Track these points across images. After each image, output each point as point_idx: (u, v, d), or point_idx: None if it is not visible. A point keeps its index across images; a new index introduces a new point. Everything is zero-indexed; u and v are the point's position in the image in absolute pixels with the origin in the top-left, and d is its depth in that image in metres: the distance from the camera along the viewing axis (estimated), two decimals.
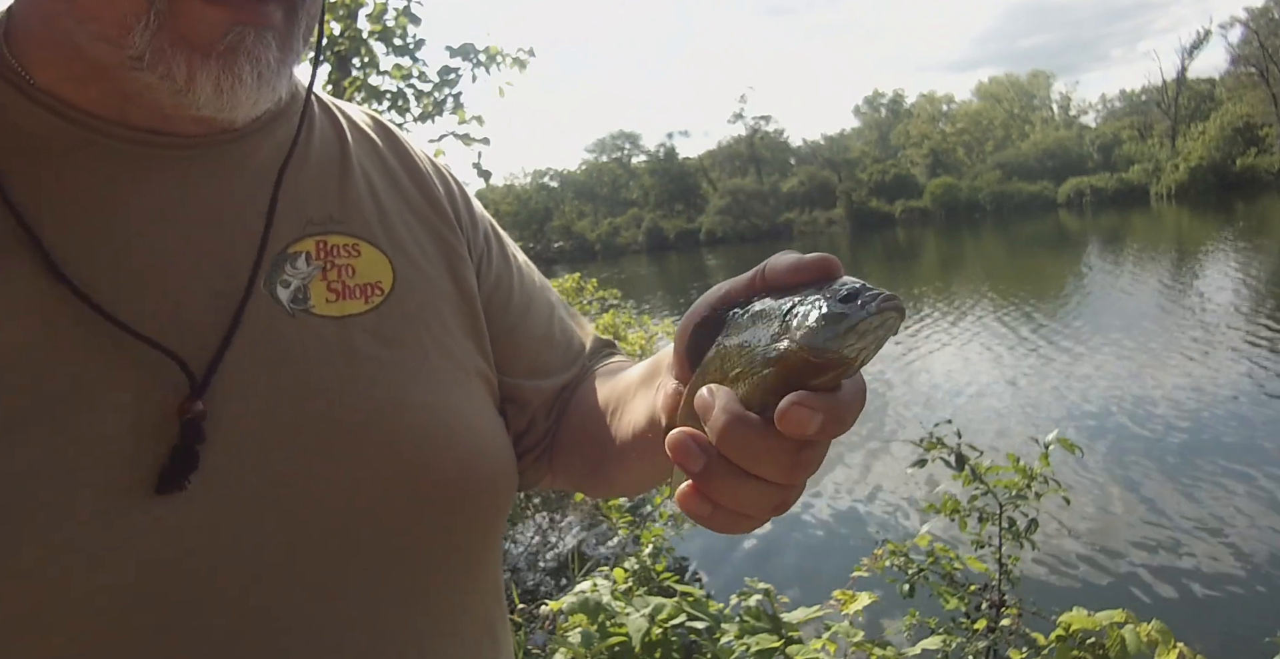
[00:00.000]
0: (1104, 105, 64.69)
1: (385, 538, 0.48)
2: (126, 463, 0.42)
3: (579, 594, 1.89)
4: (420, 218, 0.62)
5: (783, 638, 1.84)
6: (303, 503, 0.46)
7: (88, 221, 0.46)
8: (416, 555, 0.50)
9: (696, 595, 2.01)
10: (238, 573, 0.43)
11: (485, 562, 0.57)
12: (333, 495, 0.47)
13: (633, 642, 1.78)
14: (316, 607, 0.45)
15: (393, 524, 0.49)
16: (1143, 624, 1.69)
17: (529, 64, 4.30)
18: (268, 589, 0.44)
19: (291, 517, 0.45)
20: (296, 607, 0.44)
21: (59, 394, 0.41)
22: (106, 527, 0.40)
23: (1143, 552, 5.61)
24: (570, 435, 0.64)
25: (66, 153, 0.46)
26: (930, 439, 2.46)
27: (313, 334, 0.50)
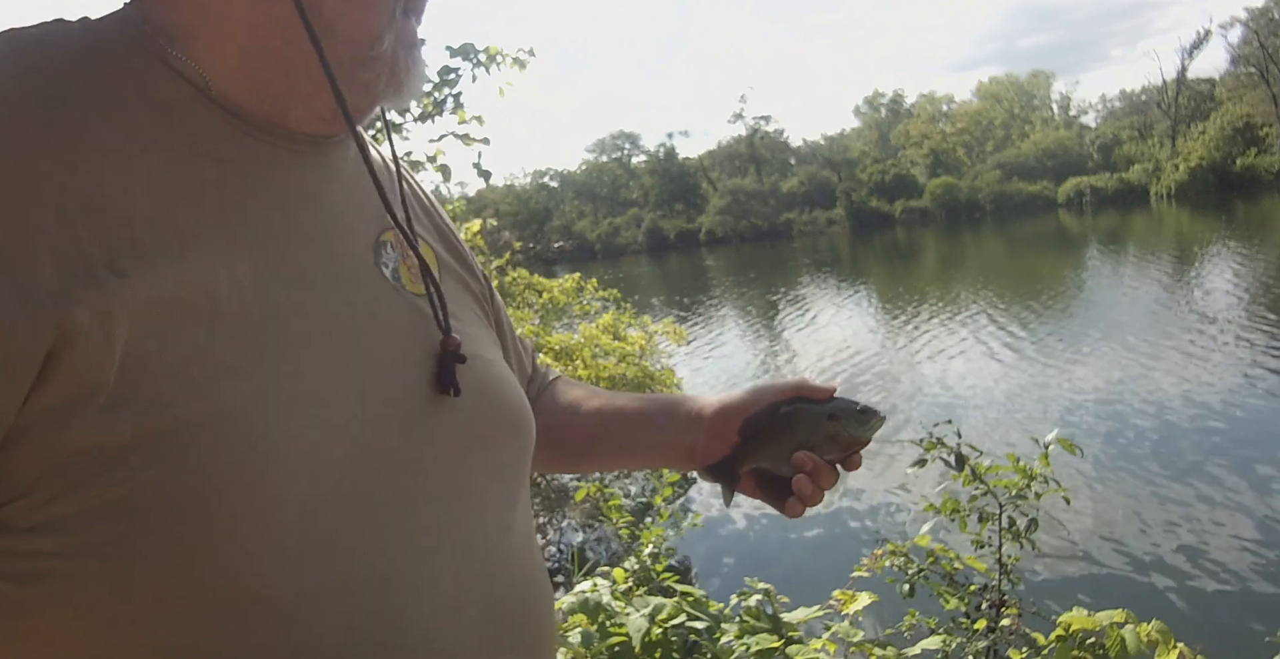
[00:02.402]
0: (1104, 105, 64.71)
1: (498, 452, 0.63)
2: (423, 375, 0.57)
3: (579, 594, 1.89)
4: (442, 226, 0.77)
5: (783, 638, 1.84)
6: (482, 417, 0.61)
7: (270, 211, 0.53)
8: (511, 466, 0.65)
9: (696, 595, 2.01)
10: (457, 457, 0.58)
11: (528, 483, 0.72)
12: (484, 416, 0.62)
13: (633, 642, 1.78)
14: (485, 486, 0.61)
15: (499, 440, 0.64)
16: (1143, 624, 1.69)
17: (529, 64, 4.30)
18: (472, 471, 0.59)
19: (479, 425, 0.61)
20: (479, 485, 0.60)
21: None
22: (416, 409, 0.55)
23: (1142, 551, 5.62)
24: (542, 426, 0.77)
25: (243, 150, 0.52)
26: (930, 439, 2.46)
27: (416, 306, 0.61)
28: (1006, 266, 25.94)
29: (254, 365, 0.45)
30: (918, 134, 62.62)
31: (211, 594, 0.41)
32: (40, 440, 0.38)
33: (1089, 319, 13.68)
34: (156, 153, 0.47)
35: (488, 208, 39.49)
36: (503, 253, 8.11)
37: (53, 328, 0.38)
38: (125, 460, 0.39)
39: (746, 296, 25.35)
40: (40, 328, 0.38)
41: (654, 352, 7.89)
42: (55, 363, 0.38)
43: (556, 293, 8.04)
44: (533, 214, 62.35)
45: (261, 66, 0.52)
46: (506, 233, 10.86)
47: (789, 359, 13.89)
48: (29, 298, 0.38)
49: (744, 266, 38.43)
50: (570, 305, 8.19)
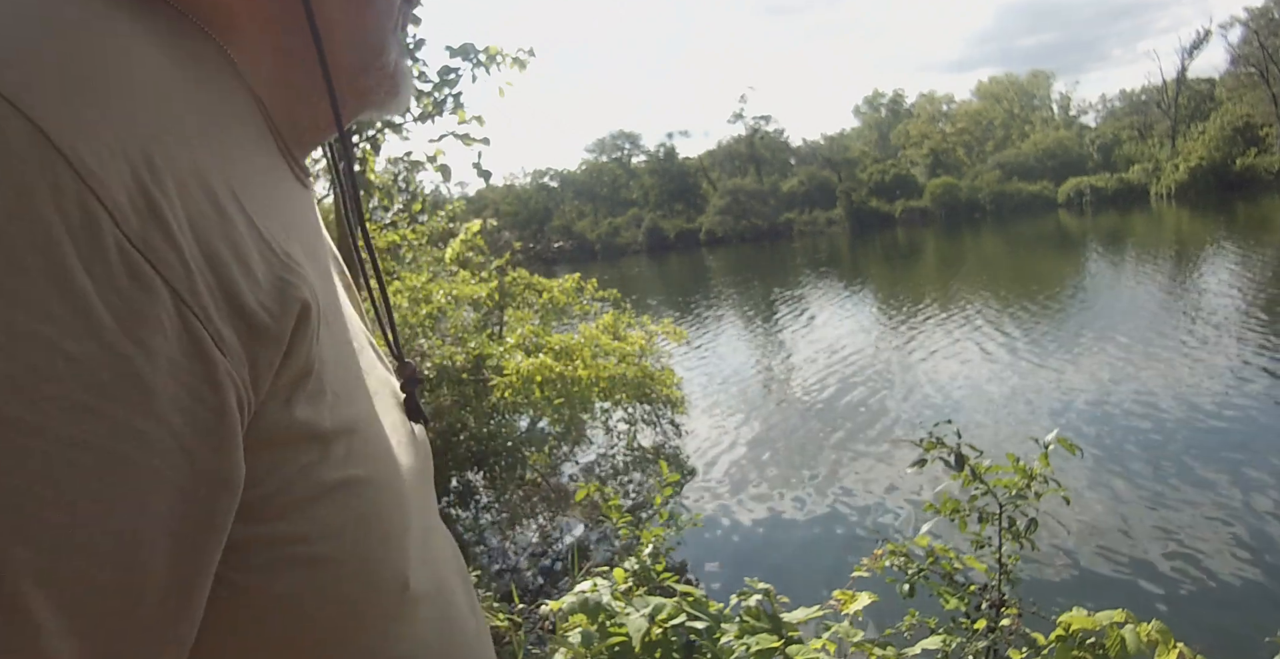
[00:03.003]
0: (1104, 105, 64.69)
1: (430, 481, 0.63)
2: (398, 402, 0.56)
3: (579, 594, 1.89)
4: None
5: (783, 638, 1.85)
6: (423, 447, 0.61)
7: (309, 239, 0.51)
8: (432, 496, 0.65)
9: (696, 595, 2.01)
10: (424, 468, 0.57)
11: None
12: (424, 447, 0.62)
13: (633, 642, 1.78)
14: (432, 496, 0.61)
15: (430, 470, 0.63)
16: (1143, 624, 1.69)
17: (529, 64, 4.31)
18: (429, 483, 0.58)
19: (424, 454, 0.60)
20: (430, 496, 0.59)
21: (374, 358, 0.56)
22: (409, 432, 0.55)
23: (1142, 552, 5.62)
24: None
25: (283, 169, 0.49)
26: (930, 439, 2.46)
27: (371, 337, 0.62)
28: (1006, 267, 25.94)
29: (355, 374, 0.47)
30: (918, 134, 62.62)
31: (388, 582, 0.44)
32: (270, 422, 0.37)
33: (1089, 319, 13.69)
34: (259, 154, 0.45)
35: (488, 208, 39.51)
36: (503, 253, 8.12)
37: (297, 304, 0.38)
38: (330, 448, 0.40)
39: (746, 296, 25.35)
40: (290, 302, 0.38)
41: (654, 351, 7.89)
42: (293, 342, 0.38)
43: (556, 293, 8.04)
44: (533, 214, 62.35)
45: (288, 76, 0.48)
46: (506, 233, 10.88)
47: (788, 359, 13.90)
48: (273, 274, 0.38)
49: (744, 266, 38.43)
50: (570, 305, 8.20)
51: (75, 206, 0.30)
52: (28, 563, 0.28)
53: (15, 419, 0.27)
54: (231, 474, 0.34)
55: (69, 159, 0.30)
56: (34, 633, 0.28)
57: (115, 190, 0.31)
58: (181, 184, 0.34)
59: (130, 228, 0.31)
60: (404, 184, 5.33)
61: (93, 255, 0.30)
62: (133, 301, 0.31)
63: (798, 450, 8.80)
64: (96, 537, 0.30)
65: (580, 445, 7.93)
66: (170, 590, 0.33)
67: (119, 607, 0.31)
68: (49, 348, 0.28)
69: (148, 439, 0.31)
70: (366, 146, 4.40)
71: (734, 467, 8.57)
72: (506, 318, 7.90)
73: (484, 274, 7.68)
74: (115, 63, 0.35)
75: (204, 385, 0.33)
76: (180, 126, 0.36)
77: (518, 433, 7.19)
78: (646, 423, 7.98)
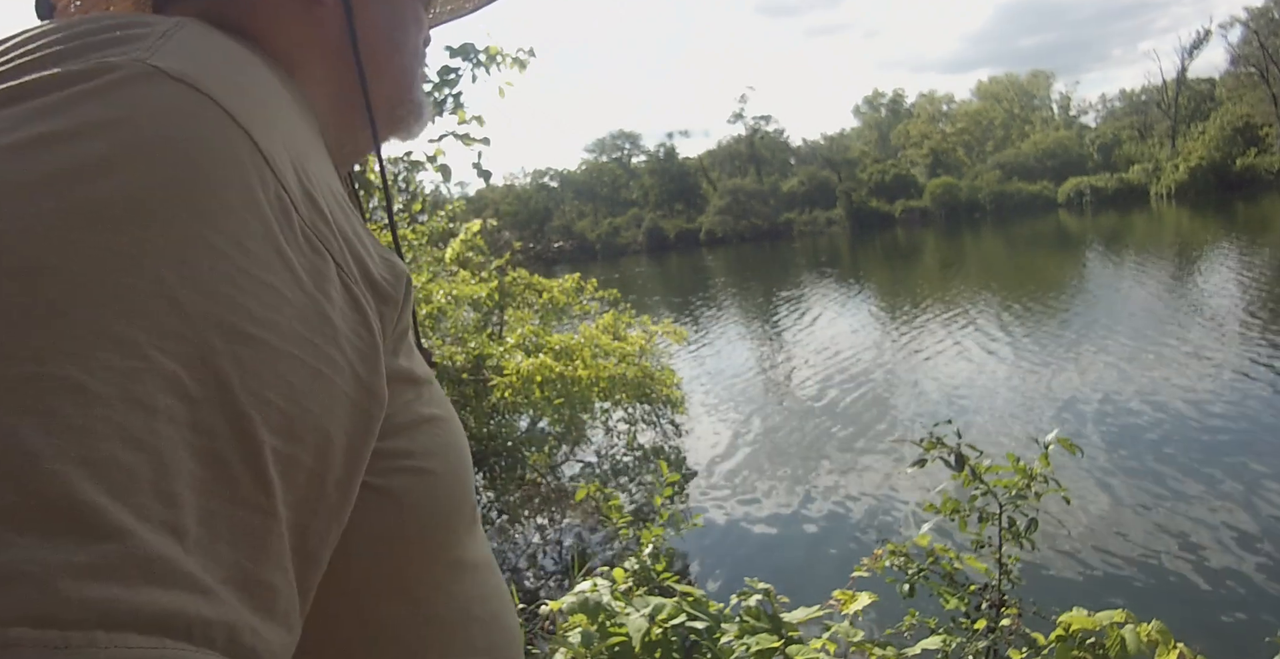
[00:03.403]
0: (1104, 105, 64.72)
1: None
2: None
3: (579, 594, 1.89)
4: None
5: (783, 638, 1.85)
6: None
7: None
8: None
9: (696, 595, 2.01)
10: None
11: None
12: None
13: (633, 642, 1.78)
14: None
15: None
16: (1143, 624, 1.69)
17: (529, 64, 4.30)
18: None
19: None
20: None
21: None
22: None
23: (1143, 551, 5.62)
24: None
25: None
26: (930, 439, 2.46)
27: None
28: (1006, 267, 25.95)
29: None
30: (918, 134, 62.63)
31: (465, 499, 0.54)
32: (388, 361, 0.46)
33: (1089, 320, 13.69)
34: (332, 170, 0.54)
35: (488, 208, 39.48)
36: (503, 253, 8.11)
37: (405, 277, 0.48)
38: (421, 390, 0.51)
39: (746, 296, 25.35)
40: (400, 275, 0.48)
41: (654, 352, 7.89)
42: (404, 306, 0.48)
43: (556, 293, 8.04)
44: (533, 214, 62.33)
45: (339, 104, 0.58)
46: (506, 233, 10.88)
47: (788, 359, 13.89)
48: (381, 252, 0.48)
49: (744, 266, 38.43)
50: (570, 305, 8.20)
51: (276, 199, 0.40)
52: (271, 443, 0.36)
53: (260, 338, 0.36)
54: (382, 393, 0.44)
55: (269, 162, 0.40)
56: (271, 492, 0.36)
57: (294, 186, 0.41)
58: (318, 184, 0.44)
59: (305, 214, 0.41)
60: (404, 184, 5.33)
61: (289, 233, 0.40)
62: (317, 265, 0.41)
63: (798, 450, 8.79)
64: (309, 428, 0.38)
65: (580, 445, 7.93)
66: (343, 476, 0.41)
67: (314, 487, 0.39)
68: (276, 293, 0.38)
69: (335, 362, 0.40)
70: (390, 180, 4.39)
71: (734, 467, 8.57)
72: (506, 318, 7.90)
73: (484, 274, 7.68)
74: (272, 91, 0.46)
75: (362, 327, 0.43)
76: (306, 141, 0.47)
77: (517, 433, 7.19)
78: (647, 423, 7.98)
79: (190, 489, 0.33)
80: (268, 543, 0.35)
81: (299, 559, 0.38)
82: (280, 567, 0.36)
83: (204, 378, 0.34)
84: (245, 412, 0.35)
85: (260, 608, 0.34)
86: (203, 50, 0.43)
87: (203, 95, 0.39)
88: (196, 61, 0.41)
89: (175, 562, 0.31)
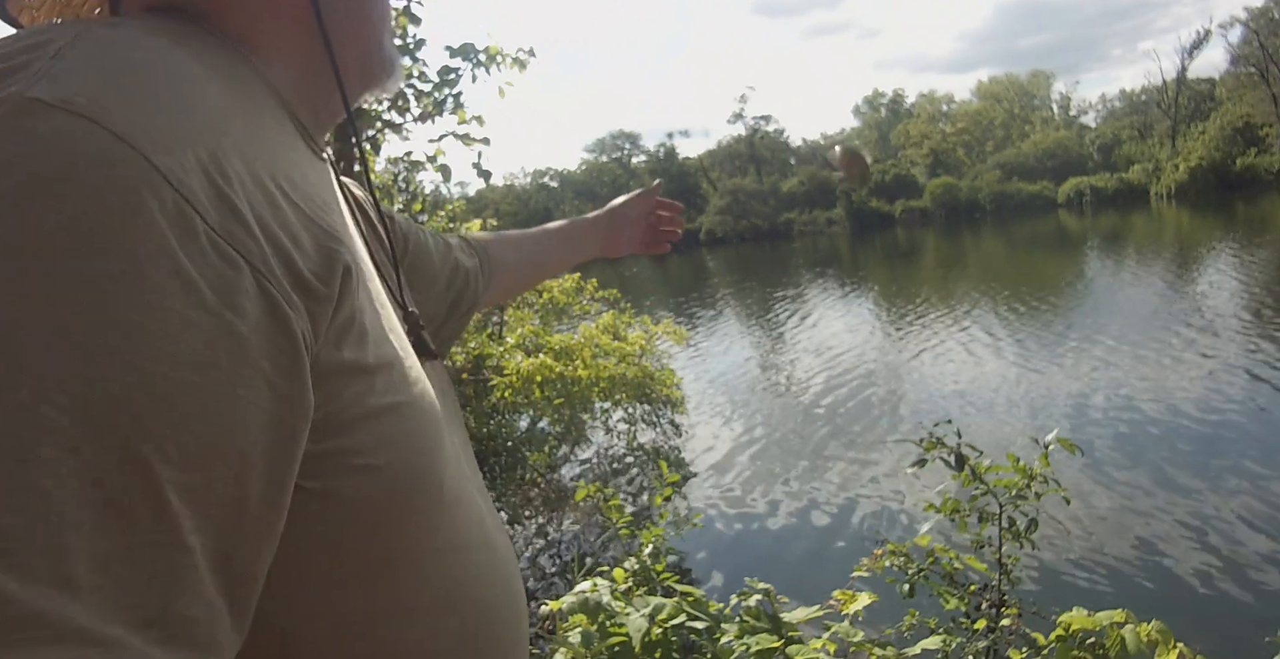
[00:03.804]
0: (1104, 105, 64.68)
1: (462, 428, 0.73)
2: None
3: (579, 594, 1.89)
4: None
5: (783, 638, 1.84)
6: (449, 391, 0.71)
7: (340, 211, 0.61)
8: (468, 445, 0.74)
9: (696, 595, 2.01)
10: (446, 401, 0.65)
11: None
12: (449, 391, 0.72)
13: (633, 642, 1.78)
14: (460, 427, 0.71)
15: (460, 416, 0.73)
16: (1143, 624, 1.69)
17: (529, 64, 4.30)
18: (452, 414, 0.67)
19: (449, 399, 0.70)
20: (455, 425, 0.68)
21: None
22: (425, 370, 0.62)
23: (1143, 552, 5.62)
24: (504, 274, 1.07)
25: (309, 154, 0.59)
26: (930, 439, 2.46)
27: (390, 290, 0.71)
28: (1006, 267, 25.95)
29: (384, 324, 0.55)
30: (918, 134, 62.61)
31: (428, 488, 0.53)
32: (325, 362, 0.46)
33: (1090, 320, 13.69)
34: (287, 142, 0.54)
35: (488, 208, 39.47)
36: None
37: (340, 268, 0.47)
38: (374, 380, 0.50)
39: (746, 296, 25.35)
40: (335, 268, 0.47)
41: (654, 352, 7.89)
42: (340, 299, 0.47)
43: (556, 293, 8.04)
44: (533, 214, 62.30)
45: (307, 73, 0.58)
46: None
47: (788, 359, 13.89)
48: (318, 244, 0.47)
49: (744, 266, 38.42)
50: (570, 305, 8.20)
51: (175, 212, 0.39)
52: (170, 477, 0.36)
53: (158, 372, 0.36)
54: (306, 402, 0.43)
55: (166, 176, 0.39)
56: (175, 527, 0.36)
57: (200, 195, 0.40)
58: (241, 181, 0.43)
59: (214, 222, 0.40)
60: (404, 184, 5.32)
61: (192, 246, 0.39)
62: (225, 277, 0.40)
63: (798, 450, 8.79)
64: (217, 453, 0.38)
65: (580, 445, 7.93)
66: (266, 493, 0.41)
67: (232, 509, 0.39)
68: (171, 317, 0.37)
69: (245, 378, 0.40)
70: (366, 146, 4.40)
71: (734, 466, 8.57)
72: (506, 318, 7.90)
73: None
74: (180, 88, 0.44)
75: (281, 336, 0.42)
76: (231, 131, 0.45)
77: (517, 433, 7.19)
78: (647, 423, 7.98)
79: (84, 538, 0.33)
80: (177, 577, 0.36)
81: (226, 581, 0.39)
82: (196, 597, 0.37)
83: (91, 423, 0.34)
84: (137, 451, 0.35)
85: (173, 641, 0.35)
86: (97, 63, 0.41)
87: (83, 119, 0.38)
88: (84, 80, 0.39)
89: (57, 615, 0.31)
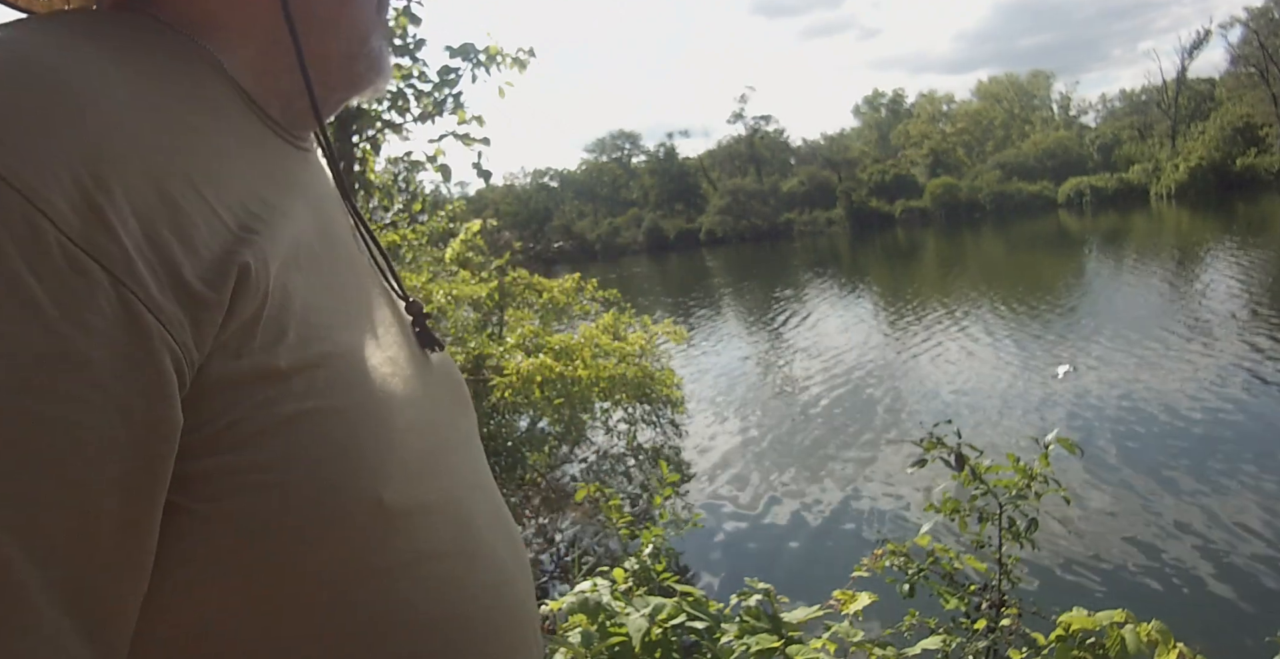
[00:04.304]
0: (1104, 105, 64.69)
1: (467, 417, 0.70)
2: (410, 333, 0.65)
3: (579, 594, 1.89)
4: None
5: (783, 638, 1.84)
6: (449, 382, 0.69)
7: (303, 196, 0.58)
8: (475, 435, 0.71)
9: (696, 595, 2.01)
10: (453, 411, 0.65)
11: None
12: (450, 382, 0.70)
13: (633, 642, 1.78)
14: (466, 421, 0.69)
15: (465, 406, 0.71)
16: (1143, 624, 1.69)
17: (529, 64, 4.31)
18: (461, 427, 0.66)
19: (452, 389, 0.69)
20: (474, 441, 0.68)
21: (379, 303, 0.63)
22: (421, 363, 0.62)
23: (1143, 552, 5.62)
24: None
25: (271, 140, 0.57)
26: (930, 439, 2.46)
27: (383, 282, 0.69)
28: (1006, 267, 25.94)
29: (342, 313, 0.53)
30: (918, 134, 62.60)
31: (354, 502, 0.48)
32: (217, 371, 0.43)
33: (1089, 320, 13.69)
34: (230, 135, 0.52)
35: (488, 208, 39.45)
36: (503, 253, 8.12)
37: (234, 272, 0.44)
38: (286, 386, 0.46)
39: (746, 297, 25.35)
40: (228, 272, 0.44)
41: (654, 352, 7.89)
42: (234, 305, 0.44)
43: (556, 293, 8.04)
44: (533, 214, 62.32)
45: (275, 61, 0.56)
46: (506, 233, 10.88)
47: (788, 359, 13.89)
48: (218, 247, 0.44)
49: (744, 266, 38.41)
50: (570, 305, 8.20)
51: (20, 221, 0.37)
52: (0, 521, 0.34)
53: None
54: (166, 424, 0.40)
55: (14, 185, 0.37)
56: (6, 574, 0.34)
57: (58, 202, 0.38)
58: (129, 188, 0.41)
59: (72, 229, 0.38)
60: (404, 184, 5.33)
61: (36, 256, 0.37)
62: (72, 288, 0.37)
63: (798, 450, 8.79)
64: (54, 490, 0.36)
65: (580, 445, 7.93)
66: (125, 526, 0.39)
67: (82, 547, 0.37)
68: (3, 338, 0.35)
69: (88, 401, 0.37)
70: (366, 146, 4.40)
71: (734, 466, 8.57)
72: (506, 318, 7.90)
73: (484, 274, 7.68)
74: (68, 100, 0.41)
75: (138, 352, 0.39)
76: (133, 141, 0.43)
77: (517, 433, 7.20)
78: (647, 423, 7.99)
79: None
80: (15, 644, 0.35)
81: (80, 617, 0.38)
82: (26, 634, 0.35)
83: None
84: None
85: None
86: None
87: None
88: None
89: None
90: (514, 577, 0.61)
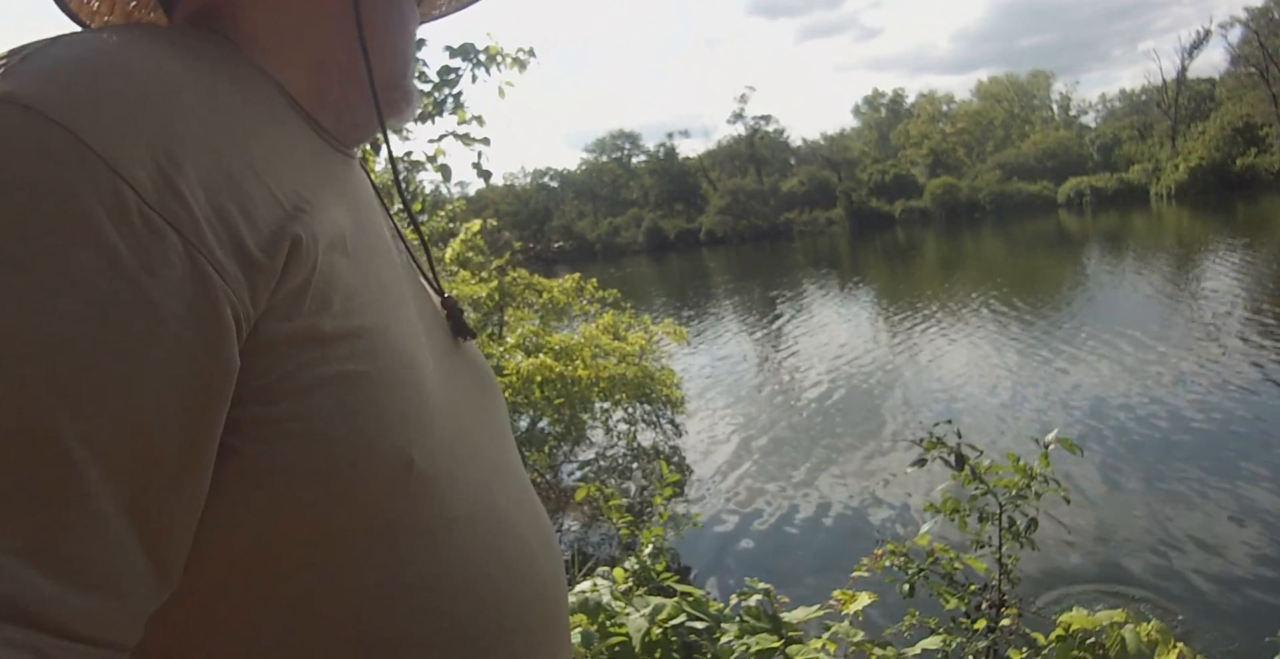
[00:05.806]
0: (1104, 105, 64.71)
1: (498, 408, 0.76)
2: (445, 326, 0.72)
3: (579, 594, 1.89)
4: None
5: (783, 638, 1.84)
6: (480, 374, 0.75)
7: (349, 196, 0.65)
8: (506, 424, 0.76)
9: (696, 595, 2.01)
10: (474, 383, 0.71)
11: None
12: (482, 375, 0.75)
13: (633, 642, 1.78)
14: (494, 408, 0.74)
15: (496, 397, 0.76)
16: (1143, 624, 1.69)
17: (529, 64, 4.30)
18: (493, 416, 0.71)
19: (483, 380, 0.75)
20: (504, 429, 0.73)
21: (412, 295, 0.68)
22: (452, 355, 0.69)
23: (1142, 552, 5.61)
24: None
25: (321, 146, 0.64)
26: (930, 439, 2.46)
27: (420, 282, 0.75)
28: (1006, 267, 25.93)
29: (380, 297, 0.58)
30: (918, 134, 62.60)
31: (389, 456, 0.53)
32: (270, 330, 0.49)
33: (1090, 320, 13.68)
34: (283, 136, 0.59)
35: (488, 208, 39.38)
36: (503, 253, 8.11)
37: (287, 243, 0.50)
38: (330, 349, 0.52)
39: (746, 296, 25.35)
40: (282, 243, 0.50)
41: (654, 352, 7.89)
42: (286, 271, 0.50)
43: (556, 293, 8.04)
44: (533, 214, 62.31)
45: (328, 78, 0.64)
46: (506, 233, 10.86)
47: (789, 359, 13.89)
48: (273, 221, 0.50)
49: (744, 266, 38.41)
50: (570, 305, 8.20)
51: (107, 188, 0.43)
52: (73, 429, 0.40)
53: (71, 333, 0.41)
54: (225, 364, 0.46)
55: (102, 156, 0.44)
56: (79, 475, 0.41)
57: (139, 174, 0.44)
58: (198, 166, 0.47)
59: (150, 196, 0.44)
60: (404, 184, 5.33)
61: (119, 217, 0.43)
62: (149, 246, 0.44)
63: (798, 450, 8.79)
64: (124, 411, 0.42)
65: (580, 445, 7.93)
66: (184, 450, 0.45)
67: (144, 464, 0.43)
68: (91, 283, 0.42)
69: (158, 339, 0.43)
70: (366, 147, 4.39)
71: (734, 466, 8.57)
72: (506, 318, 7.90)
73: (484, 274, 7.67)
74: (138, 85, 0.48)
75: (203, 302, 0.45)
76: (202, 129, 0.50)
77: (517, 433, 7.19)
78: (647, 423, 7.98)
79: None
80: (68, 517, 0.40)
81: (141, 530, 0.43)
82: (93, 539, 0.41)
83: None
84: (38, 399, 0.40)
85: (57, 573, 0.40)
86: (56, 63, 0.46)
87: (25, 108, 0.43)
88: (35, 76, 0.45)
89: None
90: (541, 559, 0.64)
